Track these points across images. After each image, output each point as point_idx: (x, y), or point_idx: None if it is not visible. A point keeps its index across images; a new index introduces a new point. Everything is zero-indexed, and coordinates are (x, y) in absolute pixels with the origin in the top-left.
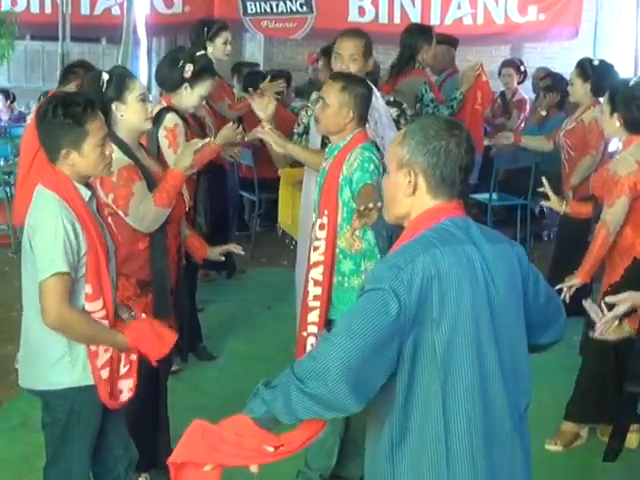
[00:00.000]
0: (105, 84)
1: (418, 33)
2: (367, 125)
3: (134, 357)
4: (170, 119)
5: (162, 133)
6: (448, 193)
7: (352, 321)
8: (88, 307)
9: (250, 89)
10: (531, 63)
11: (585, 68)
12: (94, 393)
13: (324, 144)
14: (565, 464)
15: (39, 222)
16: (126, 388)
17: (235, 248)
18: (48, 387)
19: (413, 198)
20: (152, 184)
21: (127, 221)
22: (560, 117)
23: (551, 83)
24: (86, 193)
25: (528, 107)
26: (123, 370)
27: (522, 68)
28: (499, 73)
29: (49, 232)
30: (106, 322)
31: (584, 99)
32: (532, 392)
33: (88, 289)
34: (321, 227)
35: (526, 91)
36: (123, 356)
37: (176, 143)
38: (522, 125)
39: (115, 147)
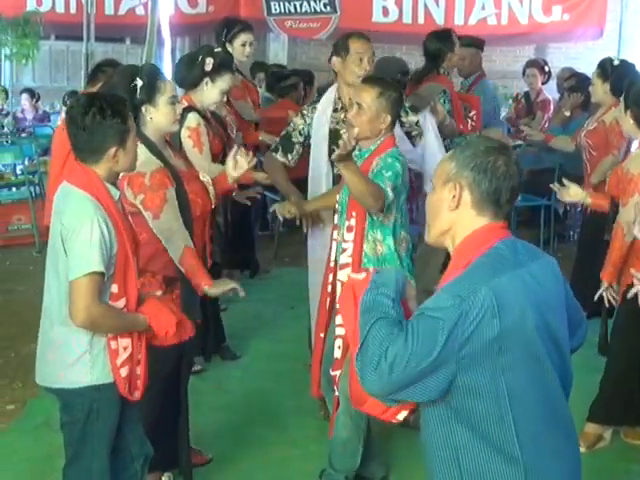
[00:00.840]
0: (138, 89)
1: (438, 40)
2: None
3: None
4: (192, 119)
5: (185, 133)
6: (492, 211)
7: (407, 341)
8: None
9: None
10: (555, 63)
11: (605, 68)
12: (112, 391)
13: (332, 152)
14: (589, 465)
15: (76, 222)
16: (141, 376)
17: (238, 289)
18: (67, 385)
19: (457, 212)
20: (180, 185)
21: (151, 223)
22: (584, 118)
23: (575, 83)
24: (115, 193)
25: (552, 107)
26: (138, 356)
27: (546, 68)
28: (523, 73)
29: (86, 232)
30: None
31: (605, 99)
32: None
33: (114, 288)
34: (349, 229)
35: (550, 91)
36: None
37: (200, 142)
38: (546, 125)
39: (145, 148)
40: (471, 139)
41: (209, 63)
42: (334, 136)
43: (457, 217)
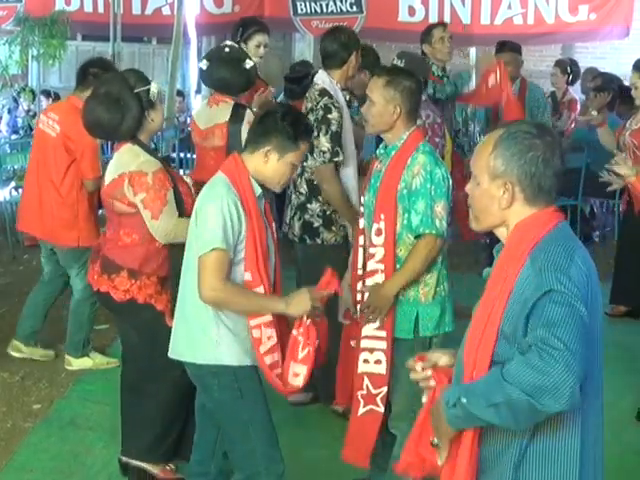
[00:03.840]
0: (154, 93)
1: (421, 34)
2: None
3: (310, 348)
4: (250, 114)
5: (246, 128)
6: (545, 201)
7: (560, 331)
8: None
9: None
10: (582, 63)
11: None
12: (249, 372)
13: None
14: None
15: (206, 201)
16: (301, 374)
17: None
18: (193, 360)
19: (509, 209)
20: (176, 185)
21: (148, 223)
22: (611, 118)
23: (601, 83)
24: (257, 190)
25: (579, 107)
26: (301, 354)
27: (568, 69)
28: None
29: (213, 211)
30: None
31: None
32: None
33: (248, 276)
34: (378, 232)
35: (575, 91)
36: (302, 340)
37: None
38: (572, 125)
39: (142, 150)
40: (511, 128)
41: (255, 67)
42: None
43: (510, 213)
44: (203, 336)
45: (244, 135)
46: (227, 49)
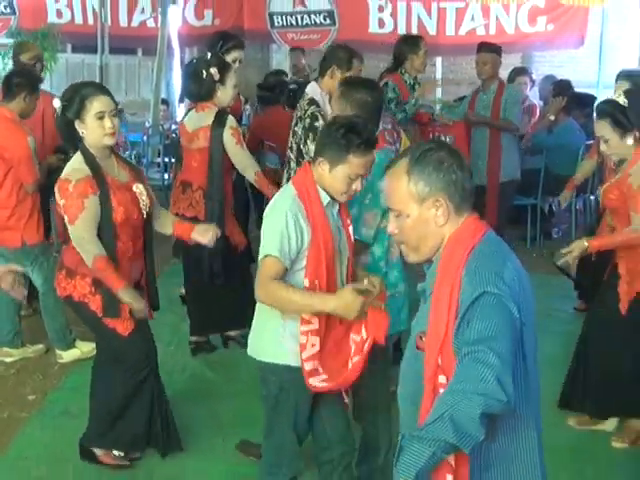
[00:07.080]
0: (59, 110)
1: (404, 44)
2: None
3: (366, 347)
4: (232, 120)
5: (229, 132)
6: (468, 207)
7: (492, 342)
8: None
9: None
10: (541, 71)
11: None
12: (302, 377)
13: None
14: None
15: (271, 210)
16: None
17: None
18: (262, 358)
19: (447, 224)
20: (106, 193)
21: (68, 226)
22: (569, 121)
23: (558, 89)
24: (325, 198)
25: (538, 112)
26: (355, 359)
27: (534, 77)
28: (512, 80)
29: (273, 221)
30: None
31: None
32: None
33: (306, 282)
34: None
35: (533, 97)
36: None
37: (241, 140)
38: (529, 130)
39: (80, 156)
40: (414, 153)
41: (215, 73)
42: None
43: (447, 227)
44: (269, 336)
45: (226, 139)
46: (194, 60)
